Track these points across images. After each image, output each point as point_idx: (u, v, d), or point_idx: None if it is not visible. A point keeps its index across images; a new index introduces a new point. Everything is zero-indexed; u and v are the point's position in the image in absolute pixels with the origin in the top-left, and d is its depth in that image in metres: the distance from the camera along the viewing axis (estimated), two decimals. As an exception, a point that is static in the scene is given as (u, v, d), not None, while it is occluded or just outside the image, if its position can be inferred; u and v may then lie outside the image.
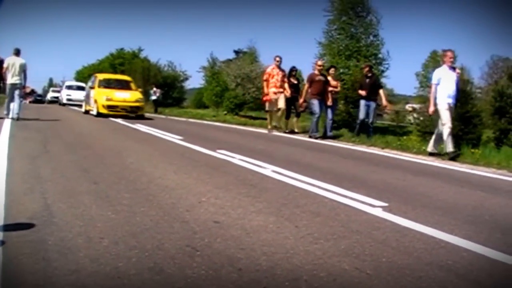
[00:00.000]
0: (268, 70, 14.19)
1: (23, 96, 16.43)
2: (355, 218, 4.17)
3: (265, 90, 14.03)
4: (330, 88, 13.29)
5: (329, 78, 13.49)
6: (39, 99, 50.01)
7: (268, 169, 6.47)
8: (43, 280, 2.53)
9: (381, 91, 13.63)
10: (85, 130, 12.64)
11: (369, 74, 13.41)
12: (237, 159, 7.39)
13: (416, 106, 30.38)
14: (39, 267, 2.67)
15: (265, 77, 14.09)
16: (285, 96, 13.91)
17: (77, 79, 59.93)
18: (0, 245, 2.95)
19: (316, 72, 13.18)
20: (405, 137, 12.46)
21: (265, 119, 23.99)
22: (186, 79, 46.65)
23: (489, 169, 8.14)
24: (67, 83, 39.56)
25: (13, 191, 4.49)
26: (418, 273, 2.92)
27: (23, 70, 13.70)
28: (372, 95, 13.08)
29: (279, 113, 14.01)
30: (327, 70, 14.27)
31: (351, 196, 4.97)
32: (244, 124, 18.56)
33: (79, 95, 29.70)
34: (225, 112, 28.47)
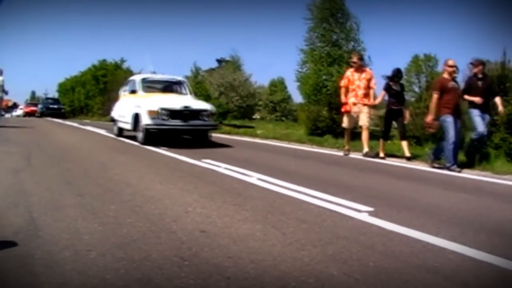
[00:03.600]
0: (347, 73, 10.84)
1: (6, 110, 19.03)
2: (341, 224, 4.20)
3: (342, 98, 10.68)
4: None
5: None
6: (54, 108, 38.13)
7: (253, 177, 6.48)
8: (30, 294, 2.51)
9: (497, 99, 9.24)
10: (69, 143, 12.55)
11: (481, 76, 9.19)
12: (222, 168, 7.39)
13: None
14: (26, 281, 2.65)
15: (342, 83, 10.80)
16: (370, 107, 10.83)
17: (59, 92, 59.40)
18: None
19: (447, 76, 8.85)
20: (389, 142, 12.38)
21: (249, 127, 24.22)
22: (170, 89, 46.49)
23: (473, 171, 8.24)
24: None
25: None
26: (405, 277, 2.95)
27: (1, 85, 15.67)
28: (487, 104, 9.11)
29: (364, 133, 10.59)
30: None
31: (337, 201, 4.99)
32: (228, 133, 18.54)
33: None
34: (209, 121, 28.37)
